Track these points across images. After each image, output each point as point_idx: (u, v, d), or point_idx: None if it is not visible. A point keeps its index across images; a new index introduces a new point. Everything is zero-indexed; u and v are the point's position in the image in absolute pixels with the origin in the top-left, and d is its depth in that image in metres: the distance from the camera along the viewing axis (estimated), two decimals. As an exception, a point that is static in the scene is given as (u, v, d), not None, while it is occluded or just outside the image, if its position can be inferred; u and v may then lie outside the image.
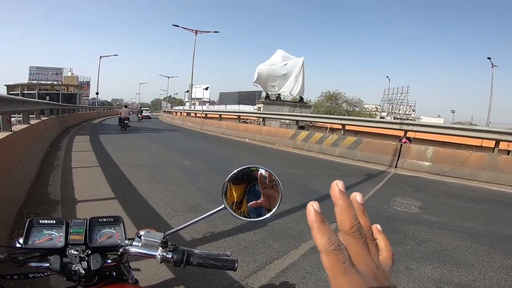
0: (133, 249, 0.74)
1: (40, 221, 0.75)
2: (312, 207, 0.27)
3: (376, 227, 0.31)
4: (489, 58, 26.92)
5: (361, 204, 0.29)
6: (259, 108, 18.05)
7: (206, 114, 20.32)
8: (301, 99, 19.35)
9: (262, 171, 0.68)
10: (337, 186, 0.27)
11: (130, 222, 2.96)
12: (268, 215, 0.67)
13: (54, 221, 0.76)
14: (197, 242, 2.67)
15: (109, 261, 0.74)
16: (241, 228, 2.99)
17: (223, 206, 0.68)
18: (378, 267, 0.26)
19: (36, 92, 37.57)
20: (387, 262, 0.29)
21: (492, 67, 26.92)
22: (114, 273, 0.79)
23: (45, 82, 41.81)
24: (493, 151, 6.97)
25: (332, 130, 15.17)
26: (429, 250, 2.79)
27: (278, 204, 0.66)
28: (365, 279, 0.24)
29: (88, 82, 50.18)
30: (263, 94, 20.12)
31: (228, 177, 0.68)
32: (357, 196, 0.29)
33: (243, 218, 0.69)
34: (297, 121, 12.56)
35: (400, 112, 44.33)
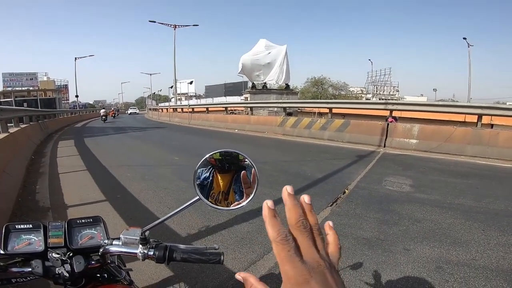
0: (113, 249, 0.71)
1: (17, 226, 0.73)
2: (267, 204, 0.31)
3: (329, 223, 0.35)
4: (464, 39, 27.78)
5: (308, 204, 0.33)
6: (246, 98, 17.96)
7: (193, 109, 20.04)
8: (287, 86, 19.32)
9: (248, 161, 0.65)
10: (286, 190, 0.32)
11: (123, 222, 2.92)
12: (244, 203, 0.65)
13: (31, 225, 0.73)
14: (192, 237, 2.66)
15: (93, 262, 0.73)
16: (236, 220, 2.99)
17: (197, 197, 0.65)
18: (322, 257, 0.30)
19: (12, 99, 36.08)
20: (334, 255, 0.33)
21: (469, 46, 27.73)
22: (105, 275, 0.77)
23: (21, 89, 40.24)
24: (477, 126, 7.16)
25: (320, 114, 15.27)
26: (424, 230, 2.82)
27: (254, 191, 0.64)
28: (307, 266, 0.28)
29: (66, 85, 48.58)
30: (249, 84, 19.96)
31: (199, 164, 0.66)
32: (305, 198, 0.33)
33: (220, 208, 0.67)
34: (284, 108, 12.57)
35: (385, 93, 45.13)
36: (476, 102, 8.46)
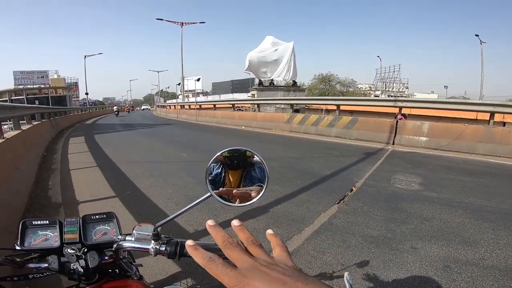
0: (126, 244, 0.72)
1: (33, 222, 0.74)
2: (188, 243, 0.37)
3: (268, 232, 0.40)
4: (477, 35, 27.10)
5: (237, 226, 0.38)
6: (253, 95, 17.91)
7: (200, 105, 20.13)
8: (295, 83, 19.20)
9: (257, 158, 0.66)
10: (208, 223, 0.38)
11: (132, 219, 2.97)
12: (254, 199, 0.65)
13: (47, 221, 0.74)
14: (200, 233, 2.69)
15: (106, 257, 0.73)
16: (243, 216, 3.00)
17: (209, 193, 0.65)
18: (257, 259, 0.33)
19: (24, 97, 36.87)
20: (282, 254, 0.36)
21: (481, 43, 27.00)
22: (116, 270, 0.79)
23: (32, 86, 41.00)
24: (489, 123, 7.01)
25: (328, 111, 15.16)
26: (433, 228, 2.79)
27: (264, 189, 0.65)
28: (242, 271, 0.31)
29: (76, 83, 49.33)
30: (256, 81, 19.90)
31: (210, 161, 0.67)
32: (234, 222, 0.39)
33: (231, 204, 0.66)
34: (291, 105, 12.51)
35: (394, 90, 44.38)
36: (488, 100, 8.27)
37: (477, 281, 1.99)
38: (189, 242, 0.36)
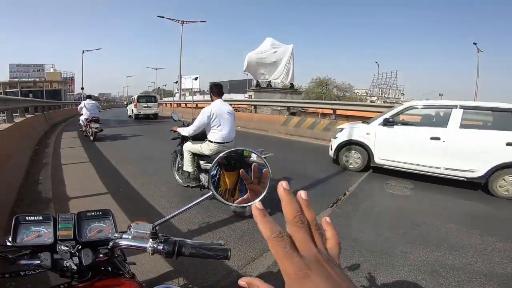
0: (123, 242, 0.72)
1: (27, 217, 0.73)
2: (255, 206, 0.32)
3: (326, 219, 0.35)
4: (474, 44, 27.03)
5: (305, 199, 0.33)
6: (250, 96, 17.91)
7: (196, 104, 20.05)
8: (292, 85, 19.27)
9: (254, 157, 0.66)
10: (281, 185, 0.32)
11: (124, 216, 2.94)
12: (256, 200, 0.62)
13: (41, 217, 0.73)
14: (193, 233, 2.68)
15: (101, 255, 0.73)
16: (236, 217, 3.01)
17: (211, 193, 0.65)
18: (320, 251, 0.30)
19: (18, 90, 36.31)
20: (334, 249, 0.33)
21: (478, 52, 27.13)
22: (109, 268, 0.78)
23: (27, 79, 40.43)
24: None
25: (324, 115, 15.22)
26: (423, 233, 2.85)
27: (266, 190, 0.62)
28: (306, 261, 0.28)
29: (72, 77, 48.74)
30: (254, 82, 19.93)
31: (214, 161, 0.66)
32: (302, 194, 0.34)
33: (232, 204, 0.65)
34: (288, 108, 12.53)
35: (390, 96, 44.84)
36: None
37: (463, 286, 2.04)
38: (257, 205, 0.32)
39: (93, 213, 0.77)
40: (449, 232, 2.89)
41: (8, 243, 0.70)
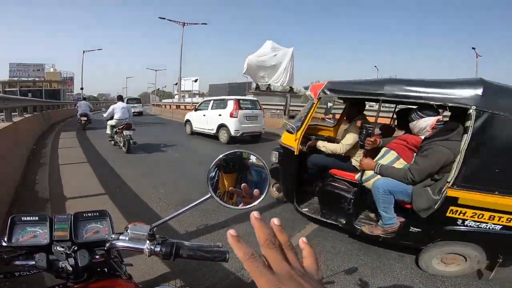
0: (120, 244, 0.71)
1: (23, 218, 0.72)
2: (230, 233, 0.35)
3: (302, 239, 0.39)
4: (473, 48, 27.00)
5: (278, 225, 0.37)
6: (250, 98, 17.94)
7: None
8: (291, 89, 19.32)
9: (253, 159, 0.65)
10: (253, 215, 0.36)
11: (121, 217, 2.93)
12: (255, 202, 0.62)
13: (37, 218, 0.72)
14: (191, 235, 2.67)
15: (97, 256, 0.72)
16: (234, 219, 3.00)
17: (210, 195, 0.63)
18: (293, 268, 0.32)
19: (17, 89, 36.20)
20: (312, 266, 0.35)
21: (477, 57, 27.14)
22: (106, 269, 0.77)
23: (27, 79, 40.34)
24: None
25: (323, 119, 15.22)
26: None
27: (265, 193, 0.63)
28: (279, 277, 0.30)
29: (72, 77, 48.67)
30: (253, 85, 19.95)
31: (213, 163, 0.65)
32: (275, 221, 0.37)
33: (231, 207, 0.64)
34: (285, 111, 12.54)
35: (389, 99, 44.90)
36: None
37: (461, 291, 2.03)
38: (231, 232, 0.35)
39: (89, 214, 0.76)
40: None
41: (4, 244, 0.69)
